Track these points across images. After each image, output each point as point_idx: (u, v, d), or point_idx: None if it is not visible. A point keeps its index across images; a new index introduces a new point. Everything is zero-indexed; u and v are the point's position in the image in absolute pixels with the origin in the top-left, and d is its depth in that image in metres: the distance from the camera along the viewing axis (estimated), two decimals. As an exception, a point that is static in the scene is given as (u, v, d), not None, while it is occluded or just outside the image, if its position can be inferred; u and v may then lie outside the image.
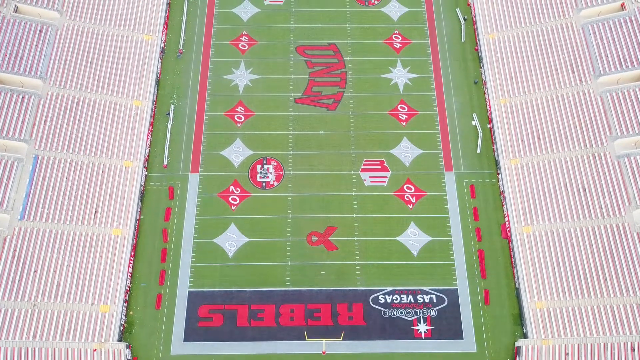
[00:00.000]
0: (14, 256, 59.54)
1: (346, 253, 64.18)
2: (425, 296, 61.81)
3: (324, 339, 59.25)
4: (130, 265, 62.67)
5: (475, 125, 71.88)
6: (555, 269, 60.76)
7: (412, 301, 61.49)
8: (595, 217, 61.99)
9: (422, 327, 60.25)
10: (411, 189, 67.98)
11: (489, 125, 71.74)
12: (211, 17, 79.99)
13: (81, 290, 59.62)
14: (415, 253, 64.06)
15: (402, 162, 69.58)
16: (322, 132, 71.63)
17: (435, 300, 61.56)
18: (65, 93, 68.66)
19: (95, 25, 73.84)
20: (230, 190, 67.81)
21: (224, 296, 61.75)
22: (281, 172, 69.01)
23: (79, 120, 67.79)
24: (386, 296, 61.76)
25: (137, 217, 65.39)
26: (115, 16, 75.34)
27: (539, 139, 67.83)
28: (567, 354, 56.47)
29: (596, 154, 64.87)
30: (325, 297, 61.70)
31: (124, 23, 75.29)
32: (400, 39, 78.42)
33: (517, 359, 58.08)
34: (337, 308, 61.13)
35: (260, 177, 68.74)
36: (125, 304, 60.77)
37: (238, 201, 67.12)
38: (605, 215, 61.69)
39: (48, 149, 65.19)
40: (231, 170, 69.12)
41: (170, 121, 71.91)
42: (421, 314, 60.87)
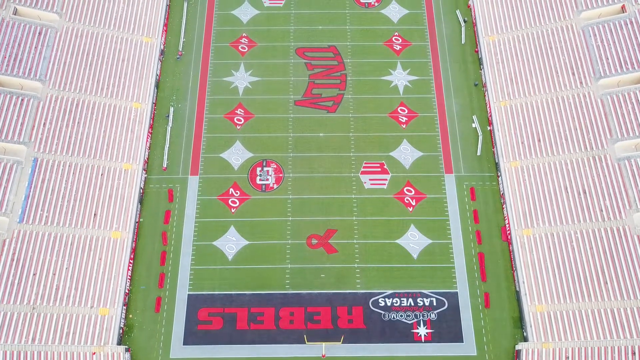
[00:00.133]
0: (13, 259, 59.40)
1: (346, 256, 64.04)
2: (425, 299, 61.67)
3: (323, 342, 59.09)
4: (130, 268, 62.53)
5: (476, 128, 71.76)
6: (556, 271, 60.64)
7: (412, 304, 61.35)
8: (596, 219, 61.87)
9: (422, 330, 60.11)
10: (411, 191, 67.85)
11: (489, 128, 71.62)
12: (211, 19, 79.89)
13: (80, 293, 59.47)
14: (415, 256, 63.94)
15: (402, 165, 69.44)
16: (322, 134, 71.50)
17: (435, 303, 61.42)
18: (65, 95, 68.54)
19: (94, 27, 73.72)
20: (230, 192, 67.68)
21: (223, 299, 61.62)
22: (281, 175, 68.89)
23: (78, 122, 67.67)
24: (386, 299, 61.62)
25: (137, 220, 65.27)
26: (115, 18, 75.21)
27: (539, 141, 67.71)
28: (567, 357, 56.33)
29: (596, 156, 64.74)
30: (325, 300, 61.56)
31: (124, 25, 75.17)
32: (400, 41, 78.30)
33: (518, 362, 58.13)
34: (337, 311, 60.97)
35: (260, 180, 68.62)
36: (125, 307, 60.62)
37: (238, 204, 66.99)
38: (606, 218, 61.56)
39: (47, 152, 65.07)
40: (231, 172, 68.99)
41: (170, 123, 71.77)
42: (421, 317, 60.75)
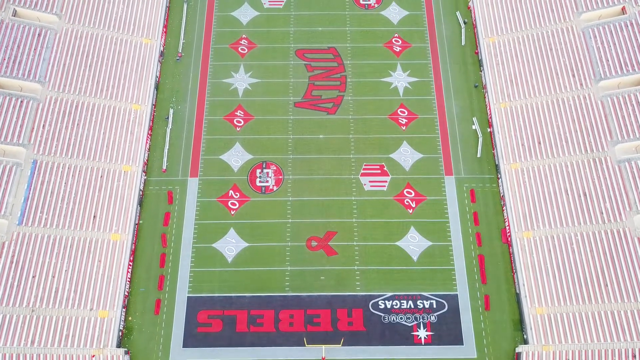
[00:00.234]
0: (12, 262, 59.28)
1: (346, 258, 63.92)
2: (425, 301, 61.56)
3: (323, 345, 58.98)
4: (129, 270, 62.41)
5: (476, 130, 71.66)
6: (556, 274, 60.52)
7: (412, 307, 61.24)
8: (596, 222, 61.75)
9: (422, 333, 60.00)
10: (411, 193, 67.75)
11: (489, 130, 71.53)
12: (210, 21, 79.78)
13: (80, 296, 59.36)
14: (415, 258, 63.83)
15: (402, 167, 69.33)
16: (321, 136, 71.39)
17: (435, 306, 61.32)
18: (64, 97, 68.42)
19: (94, 28, 73.61)
20: (230, 194, 67.58)
21: (223, 301, 61.49)
22: (280, 177, 68.78)
23: (77, 124, 67.55)
24: (386, 301, 61.51)
25: (136, 222, 65.16)
26: (114, 19, 75.08)
27: (539, 143, 67.60)
28: (567, 360, 56.39)
29: (597, 158, 64.63)
30: (325, 302, 61.45)
31: (123, 26, 75.04)
32: (400, 42, 78.19)
33: (518, 365, 58.03)
34: (337, 313, 60.85)
35: (260, 182, 68.50)
36: (124, 310, 60.51)
37: (237, 206, 66.88)
38: (606, 220, 61.44)
39: (47, 154, 64.95)
40: (230, 174, 68.88)
41: (170, 125, 71.66)
42: (421, 320, 60.64)
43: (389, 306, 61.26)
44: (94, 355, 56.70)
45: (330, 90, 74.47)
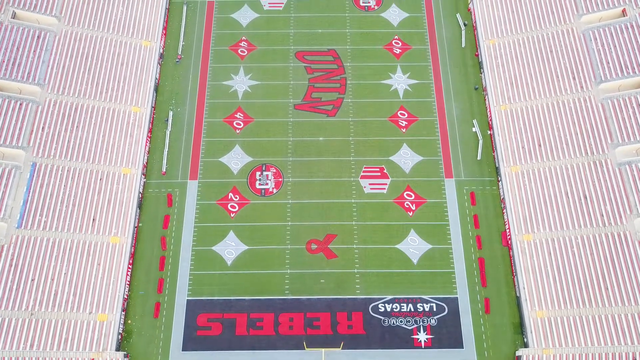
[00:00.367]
0: (11, 265, 59.14)
1: (346, 261, 63.78)
2: (425, 305, 61.42)
3: (323, 349, 58.83)
4: (129, 273, 62.27)
5: (476, 132, 71.50)
6: (556, 277, 60.38)
7: (412, 310, 61.10)
8: (597, 225, 61.59)
9: (422, 336, 59.86)
10: (411, 196, 67.60)
11: (489, 132, 71.37)
12: (210, 23, 79.63)
13: (79, 299, 59.23)
14: (415, 261, 63.68)
15: (402, 169, 69.19)
16: (321, 138, 71.24)
17: (435, 309, 61.17)
18: (63, 100, 68.29)
19: (93, 31, 73.47)
20: (229, 197, 67.43)
21: (222, 305, 61.36)
22: (280, 179, 68.64)
23: (77, 127, 67.40)
24: (386, 305, 61.37)
25: (136, 225, 65.01)
26: (114, 22, 74.94)
27: (539, 145, 67.44)
28: (568, 363, 56.25)
29: (597, 161, 64.47)
30: (325, 305, 61.31)
31: (123, 29, 74.90)
32: (400, 44, 78.04)
33: (518, 368, 57.91)
34: (337, 317, 60.72)
35: (260, 184, 68.36)
36: (124, 313, 60.37)
37: (237, 208, 66.74)
38: (607, 224, 61.29)
39: (46, 156, 64.82)
40: (230, 177, 68.74)
41: (169, 127, 71.52)
42: (421, 323, 60.49)
43: (388, 309, 61.13)
44: (93, 359, 56.55)
45: (330, 93, 74.33)
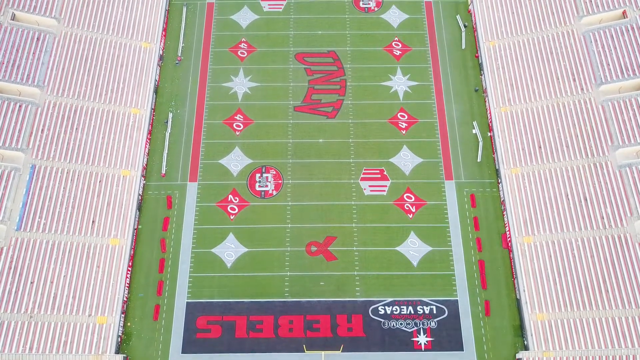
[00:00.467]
0: (10, 267, 59.01)
1: (345, 263, 63.65)
2: (425, 307, 61.30)
3: (323, 351, 58.70)
4: (128, 275, 62.15)
5: (476, 134, 71.39)
6: (557, 280, 60.25)
7: (412, 312, 60.97)
8: (597, 227, 61.47)
9: (422, 339, 59.74)
10: (411, 198, 67.49)
11: (489, 134, 71.25)
12: (210, 24, 79.52)
13: (78, 302, 59.08)
14: (415, 263, 63.57)
15: (402, 171, 69.08)
16: (321, 140, 71.14)
17: (435, 312, 61.05)
18: (63, 101, 68.18)
19: (93, 32, 73.36)
20: (229, 199, 67.32)
21: (222, 307, 61.23)
22: (280, 181, 68.53)
23: (76, 129, 67.28)
24: (386, 307, 61.25)
25: (135, 227, 64.91)
26: (114, 23, 74.83)
27: (539, 147, 67.33)
28: (568, 366, 56.12)
29: (597, 163, 64.35)
30: (325, 308, 61.16)
31: (122, 30, 74.78)
32: (400, 46, 77.92)
33: (518, 371, 57.81)
34: (337, 319, 60.58)
35: (259, 186, 68.26)
36: (123, 315, 60.24)
37: (237, 210, 66.63)
38: (607, 226, 61.17)
39: (45, 158, 64.68)
40: (230, 179, 68.63)
41: (169, 129, 71.41)
42: (421, 325, 60.38)
43: (388, 312, 61.00)
44: (92, 362, 56.62)
45: (330, 94, 74.23)
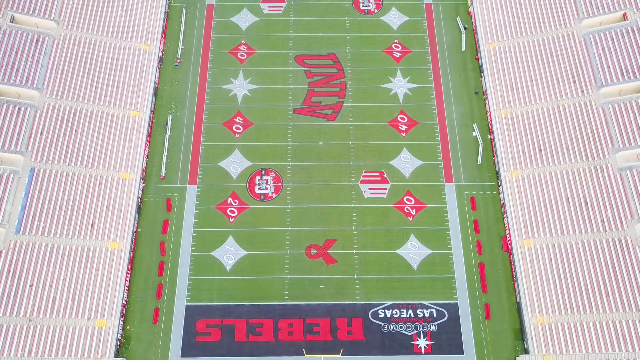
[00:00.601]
0: (9, 271, 58.85)
1: (345, 266, 63.50)
2: (425, 310, 61.14)
3: (322, 355, 58.57)
4: (127, 278, 61.99)
5: (476, 136, 71.24)
6: (557, 283, 60.09)
7: (412, 315, 60.83)
8: (597, 230, 61.31)
9: (422, 342, 59.58)
10: (411, 200, 67.33)
11: (489, 136, 71.11)
12: (209, 26, 79.36)
13: (77, 305, 58.91)
14: (415, 266, 63.41)
15: (402, 174, 68.92)
16: (321, 142, 70.98)
17: (435, 315, 60.90)
18: (62, 104, 68.03)
19: (92, 34, 73.21)
20: (229, 202, 67.17)
21: (221, 310, 61.08)
22: (280, 184, 68.37)
23: (75, 131, 67.15)
24: (386, 310, 61.10)
25: (134, 230, 64.75)
26: (113, 25, 74.69)
27: (540, 150, 67.18)
28: (568, 370, 55.98)
29: (598, 166, 64.19)
30: (324, 311, 61.02)
31: (122, 32, 74.64)
32: (400, 48, 77.76)
33: (518, 375, 57.66)
34: (336, 322, 60.43)
35: (259, 189, 68.11)
36: (122, 319, 60.09)
37: (236, 213, 66.47)
38: (607, 229, 61.00)
39: (44, 161, 64.54)
40: (229, 181, 68.46)
41: (168, 132, 71.25)
42: (421, 329, 60.22)
43: (388, 315, 60.85)
44: (91, 365, 56.48)
45: (329, 97, 74.07)
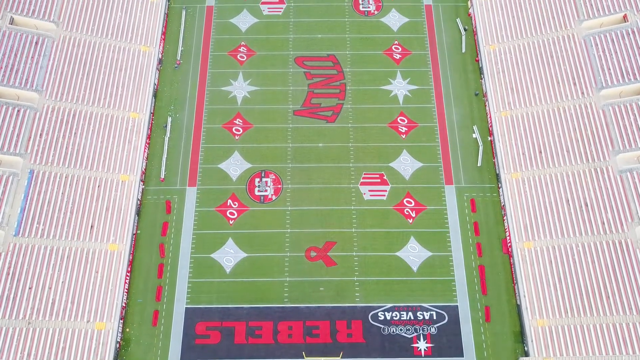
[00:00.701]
0: (8, 273, 58.70)
1: (345, 269, 63.39)
2: (425, 313, 61.03)
3: (322, 358, 58.43)
4: (127, 281, 61.88)
5: (476, 138, 71.12)
6: (557, 285, 59.98)
7: (412, 318, 60.71)
8: (597, 232, 61.19)
9: (422, 345, 59.47)
10: (411, 202, 67.21)
11: (489, 138, 70.99)
12: (209, 28, 79.23)
13: (77, 307, 58.78)
14: (415, 269, 63.29)
15: (402, 176, 68.80)
16: (321, 144, 70.85)
17: (435, 317, 60.78)
18: (61, 106, 67.91)
19: (91, 36, 73.09)
20: (228, 204, 67.05)
21: (221, 313, 60.95)
22: (279, 186, 68.25)
23: (75, 133, 67.04)
24: (386, 313, 60.98)
25: (134, 232, 64.62)
26: (112, 27, 74.57)
27: (540, 152, 67.05)
28: (569, 373, 55.87)
29: (598, 168, 64.06)
30: (324, 314, 60.91)
31: (121, 34, 74.52)
32: (400, 49, 77.63)
33: (518, 377, 57.57)
34: (336, 325, 60.33)
35: (259, 191, 67.99)
36: (122, 321, 59.98)
37: (236, 215, 66.35)
38: (608, 232, 60.87)
39: (44, 163, 64.41)
40: (229, 183, 68.35)
41: (168, 133, 71.12)
42: (421, 331, 60.10)
43: (388, 317, 60.74)
44: (90, 368, 56.33)
45: (329, 99, 73.93)
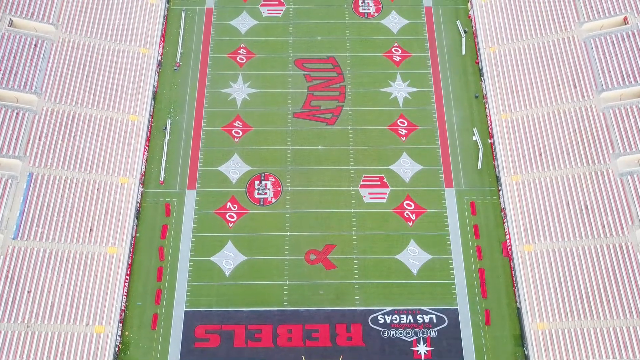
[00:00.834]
0: (7, 276, 58.50)
1: (345, 272, 63.21)
2: (425, 316, 60.86)
3: (322, 361, 58.47)
4: (126, 284, 61.71)
5: (476, 141, 70.96)
6: (557, 289, 59.81)
7: (412, 321, 60.55)
8: (598, 236, 61.03)
9: (422, 348, 59.32)
10: (411, 205, 67.06)
11: (489, 141, 70.83)
12: (209, 30, 79.07)
13: (75, 311, 58.62)
14: (415, 272, 63.14)
15: (402, 178, 68.65)
16: (320, 147, 70.71)
17: (435, 321, 60.61)
18: (60, 108, 67.76)
19: (91, 38, 72.93)
20: (228, 207, 66.89)
21: (220, 316, 60.80)
22: (279, 188, 68.10)
23: (74, 136, 66.85)
24: (385, 316, 60.82)
25: (133, 235, 64.46)
26: (112, 29, 74.40)
27: (540, 155, 66.90)
28: (569, 377, 55.68)
29: (599, 171, 63.91)
30: (324, 317, 60.74)
31: (121, 36, 74.36)
32: (400, 51, 77.47)
33: (519, 381, 57.42)
34: (336, 328, 60.16)
35: (258, 194, 67.84)
36: (121, 325, 59.83)
37: (235, 218, 66.20)
38: (608, 235, 60.73)
39: (43, 166, 64.24)
40: (228, 186, 68.20)
41: (167, 136, 70.96)
42: (421, 335, 59.95)
43: (388, 321, 60.57)
44: (89, 372, 56.16)
45: (329, 101, 73.80)
